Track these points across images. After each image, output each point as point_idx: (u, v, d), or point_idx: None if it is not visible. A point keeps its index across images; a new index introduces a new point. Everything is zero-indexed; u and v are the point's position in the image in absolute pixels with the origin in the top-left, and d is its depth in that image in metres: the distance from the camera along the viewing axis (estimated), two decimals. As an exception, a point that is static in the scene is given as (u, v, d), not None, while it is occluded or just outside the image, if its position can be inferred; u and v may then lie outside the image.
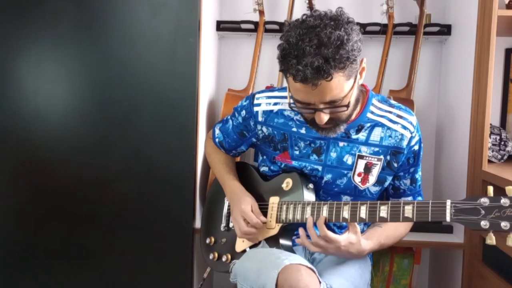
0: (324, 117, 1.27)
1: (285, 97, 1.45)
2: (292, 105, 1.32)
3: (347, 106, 1.26)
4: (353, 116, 1.39)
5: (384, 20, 1.97)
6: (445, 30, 1.99)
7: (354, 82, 1.26)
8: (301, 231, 1.34)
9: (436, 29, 2.00)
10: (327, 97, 1.23)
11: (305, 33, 1.20)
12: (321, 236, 1.28)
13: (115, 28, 1.66)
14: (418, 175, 1.51)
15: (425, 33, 1.98)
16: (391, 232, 1.42)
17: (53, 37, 1.67)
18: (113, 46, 1.67)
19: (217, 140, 1.65)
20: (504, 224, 1.08)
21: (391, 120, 1.42)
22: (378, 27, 1.97)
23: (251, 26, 2.05)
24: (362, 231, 1.41)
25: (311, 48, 1.18)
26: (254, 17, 2.03)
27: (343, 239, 1.28)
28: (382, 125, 1.41)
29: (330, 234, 1.28)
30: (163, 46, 1.66)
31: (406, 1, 2.05)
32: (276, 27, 2.05)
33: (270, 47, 2.08)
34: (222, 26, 2.08)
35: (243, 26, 2.06)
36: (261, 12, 2.01)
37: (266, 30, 2.06)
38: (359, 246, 1.30)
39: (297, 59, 1.19)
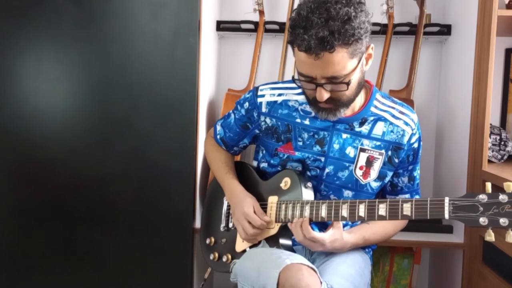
0: (325, 94, 1.29)
1: (289, 88, 1.47)
2: (295, 78, 1.34)
3: (348, 84, 1.27)
4: (357, 109, 1.41)
5: (384, 20, 1.97)
6: (445, 30, 1.99)
7: (358, 63, 1.28)
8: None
9: (436, 29, 2.00)
10: (329, 72, 1.25)
11: (316, 7, 1.23)
12: (307, 238, 1.31)
13: (115, 28, 1.67)
14: (417, 173, 1.51)
15: (425, 33, 1.98)
16: (378, 229, 1.45)
17: (53, 37, 1.67)
18: (113, 46, 1.67)
19: (218, 136, 1.65)
20: (503, 221, 1.07)
21: (393, 116, 1.43)
22: (378, 27, 1.97)
23: (251, 26, 2.05)
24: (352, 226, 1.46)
25: (319, 21, 1.21)
26: (254, 17, 2.03)
27: (328, 237, 1.33)
28: (385, 120, 1.43)
29: (316, 234, 1.31)
30: (163, 46, 1.66)
31: (406, 1, 2.05)
32: (276, 27, 2.06)
33: (270, 47, 2.08)
34: (222, 26, 2.08)
35: (243, 26, 2.06)
36: (261, 12, 2.02)
37: (266, 30, 2.06)
38: (342, 240, 1.36)
39: (304, 30, 1.22)
